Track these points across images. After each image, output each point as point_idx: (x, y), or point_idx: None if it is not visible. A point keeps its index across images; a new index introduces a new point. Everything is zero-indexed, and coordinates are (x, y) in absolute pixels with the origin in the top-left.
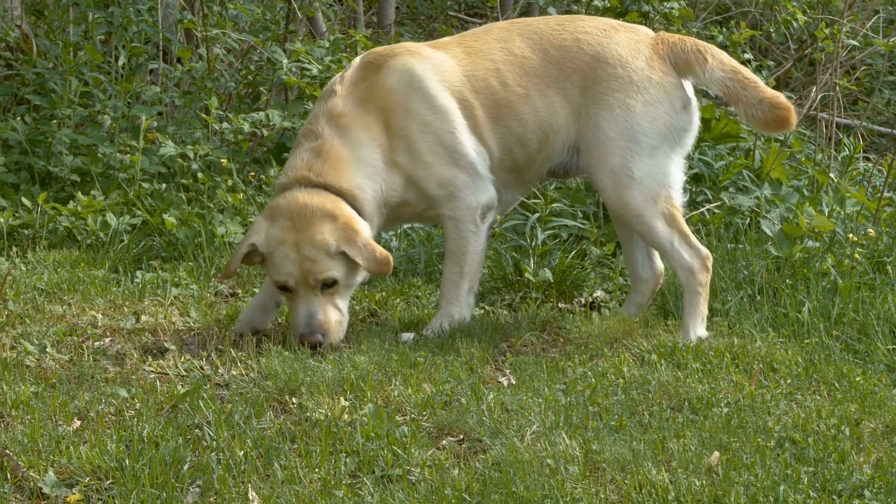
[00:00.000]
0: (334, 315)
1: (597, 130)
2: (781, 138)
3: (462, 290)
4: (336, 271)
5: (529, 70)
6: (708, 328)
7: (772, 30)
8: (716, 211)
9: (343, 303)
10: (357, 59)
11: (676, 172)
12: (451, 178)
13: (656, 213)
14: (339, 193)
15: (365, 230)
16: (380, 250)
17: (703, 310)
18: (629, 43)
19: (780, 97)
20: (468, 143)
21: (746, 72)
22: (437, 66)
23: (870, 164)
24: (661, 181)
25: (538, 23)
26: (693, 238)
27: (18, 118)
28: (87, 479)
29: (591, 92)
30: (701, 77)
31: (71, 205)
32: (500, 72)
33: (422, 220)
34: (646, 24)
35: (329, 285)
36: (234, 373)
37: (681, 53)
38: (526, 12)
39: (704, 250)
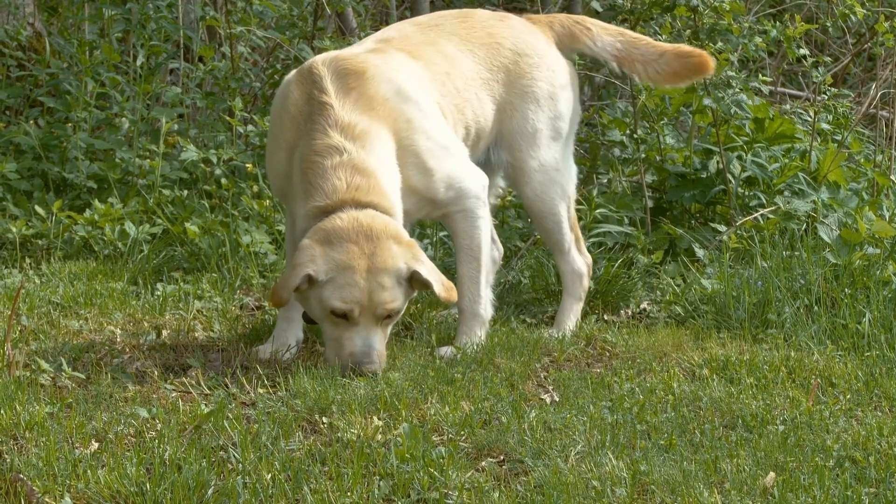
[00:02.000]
0: (384, 347)
1: (524, 123)
2: (839, 139)
3: (482, 286)
4: (400, 301)
5: (468, 73)
6: (762, 340)
7: (828, 23)
8: (770, 216)
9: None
10: (321, 68)
11: (573, 165)
12: (454, 175)
13: (566, 213)
14: (384, 212)
15: None
16: (444, 276)
17: (579, 314)
18: (527, 28)
19: (684, 45)
20: (454, 135)
21: (630, 32)
22: (406, 70)
23: None
24: (571, 177)
25: (442, 20)
26: (583, 242)
27: (31, 122)
28: None
29: (515, 87)
30: (592, 46)
31: (87, 213)
32: (450, 76)
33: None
34: (694, 18)
35: (391, 316)
36: (261, 391)
37: (562, 29)
38: (568, 7)
39: (589, 257)
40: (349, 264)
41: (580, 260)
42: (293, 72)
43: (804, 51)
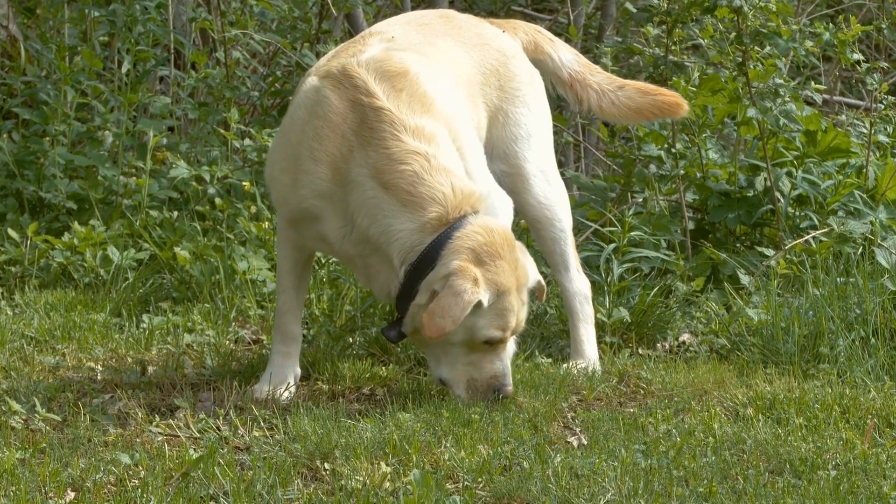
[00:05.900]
0: None
1: (517, 128)
2: None
3: None
4: None
5: (470, 76)
6: (813, 376)
7: (883, 26)
8: (823, 239)
9: None
10: (360, 71)
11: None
12: (489, 183)
13: (570, 221)
14: None
15: None
16: None
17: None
18: (500, 31)
19: (647, 84)
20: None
21: (583, 57)
22: (434, 70)
23: None
24: (564, 185)
25: (427, 18)
26: (579, 262)
27: (4, 135)
28: None
29: (506, 91)
30: (554, 58)
31: (66, 237)
32: (458, 78)
33: None
34: (737, 20)
35: None
36: (257, 434)
37: (525, 36)
38: (603, 6)
39: (587, 279)
40: (507, 286)
41: (583, 281)
42: (314, 79)
43: (858, 55)
